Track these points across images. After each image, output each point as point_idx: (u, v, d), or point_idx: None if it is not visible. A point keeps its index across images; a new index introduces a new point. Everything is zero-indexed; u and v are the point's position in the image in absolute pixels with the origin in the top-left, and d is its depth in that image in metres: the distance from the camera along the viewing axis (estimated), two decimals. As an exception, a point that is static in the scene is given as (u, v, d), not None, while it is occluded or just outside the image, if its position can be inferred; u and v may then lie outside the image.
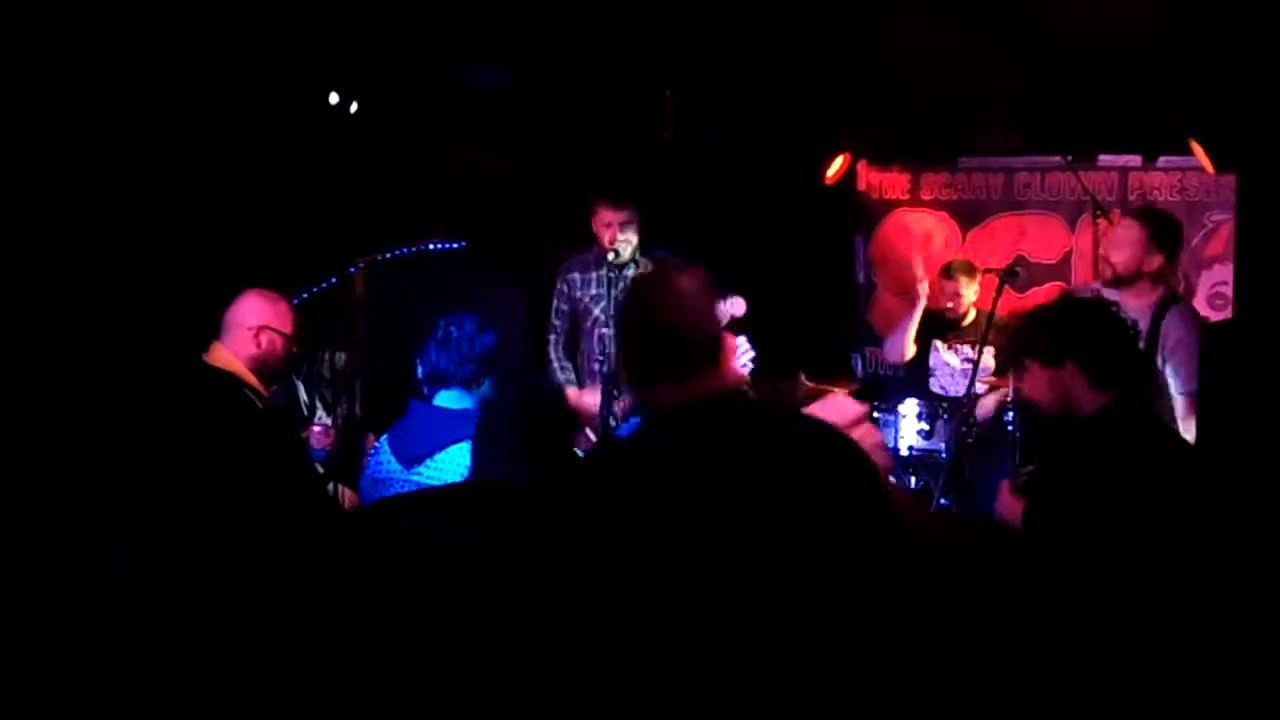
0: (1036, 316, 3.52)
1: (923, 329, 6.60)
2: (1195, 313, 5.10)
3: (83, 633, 3.09)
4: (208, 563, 3.05)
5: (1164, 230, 4.99)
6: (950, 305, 6.54)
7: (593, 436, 5.18)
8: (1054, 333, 3.33)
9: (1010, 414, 5.62)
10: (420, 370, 3.83)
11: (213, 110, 5.45)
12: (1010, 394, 5.61)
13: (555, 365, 5.80)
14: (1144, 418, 3.27)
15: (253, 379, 4.03)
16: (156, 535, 3.26)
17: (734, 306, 5.24)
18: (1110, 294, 4.45)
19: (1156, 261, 4.93)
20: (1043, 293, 7.04)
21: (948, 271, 6.60)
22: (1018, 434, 5.47)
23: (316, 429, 4.22)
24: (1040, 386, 3.32)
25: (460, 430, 3.68)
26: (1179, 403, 4.74)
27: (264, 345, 4.05)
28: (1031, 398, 3.41)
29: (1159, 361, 4.79)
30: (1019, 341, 3.53)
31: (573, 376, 5.74)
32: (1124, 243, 4.95)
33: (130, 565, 3.16)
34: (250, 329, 4.05)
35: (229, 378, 4.01)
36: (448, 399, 3.79)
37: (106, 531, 3.27)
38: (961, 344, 6.51)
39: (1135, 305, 4.57)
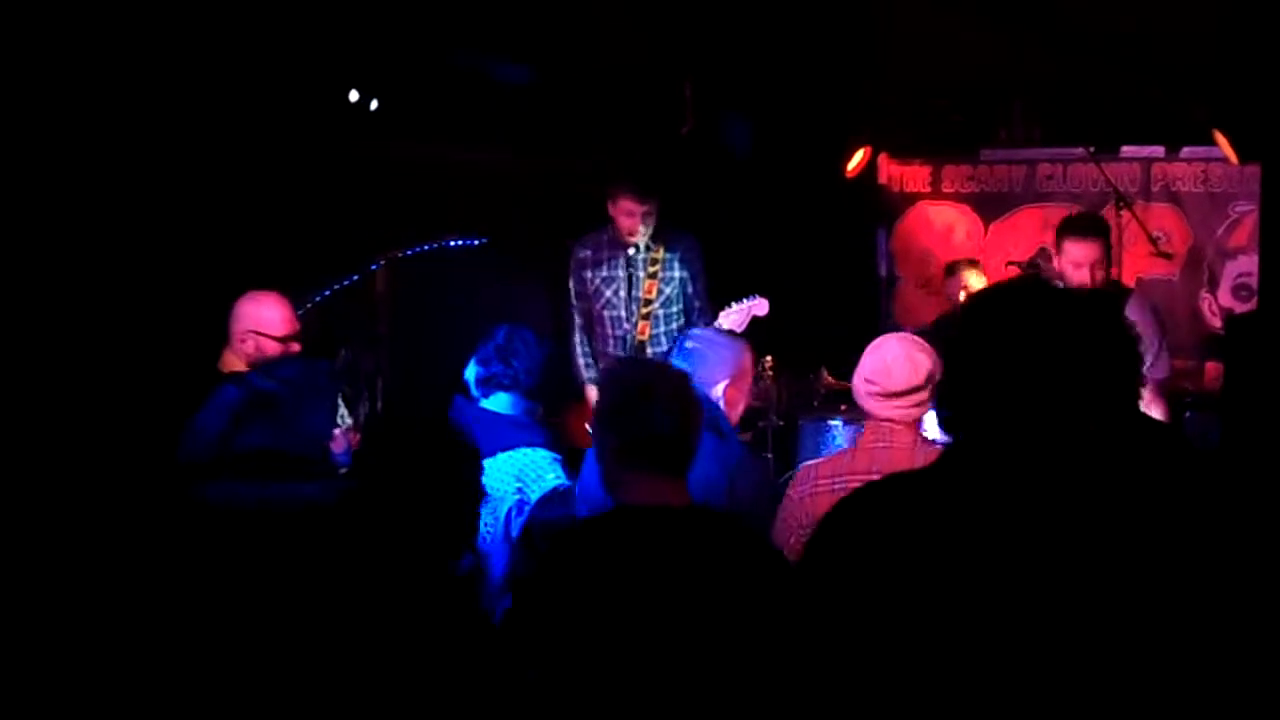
0: None
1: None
2: (1148, 299, 5.22)
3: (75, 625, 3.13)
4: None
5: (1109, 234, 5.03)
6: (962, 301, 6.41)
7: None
8: None
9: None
10: (478, 372, 3.85)
11: (234, 108, 5.46)
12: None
13: (580, 361, 5.66)
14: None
15: None
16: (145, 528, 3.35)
17: (757, 307, 5.22)
18: None
19: (1113, 270, 5.00)
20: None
21: (951, 269, 6.40)
22: None
23: (336, 433, 4.19)
24: None
25: (510, 437, 3.72)
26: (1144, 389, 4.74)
27: (253, 350, 4.04)
28: None
29: None
30: None
31: (595, 375, 5.59)
32: (1085, 263, 4.73)
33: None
34: (239, 335, 4.06)
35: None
36: (500, 403, 3.83)
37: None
38: None
39: None
